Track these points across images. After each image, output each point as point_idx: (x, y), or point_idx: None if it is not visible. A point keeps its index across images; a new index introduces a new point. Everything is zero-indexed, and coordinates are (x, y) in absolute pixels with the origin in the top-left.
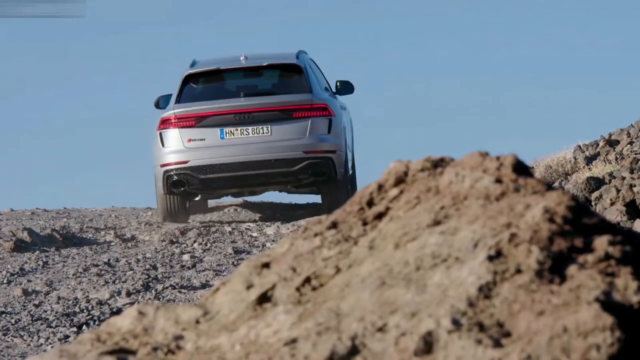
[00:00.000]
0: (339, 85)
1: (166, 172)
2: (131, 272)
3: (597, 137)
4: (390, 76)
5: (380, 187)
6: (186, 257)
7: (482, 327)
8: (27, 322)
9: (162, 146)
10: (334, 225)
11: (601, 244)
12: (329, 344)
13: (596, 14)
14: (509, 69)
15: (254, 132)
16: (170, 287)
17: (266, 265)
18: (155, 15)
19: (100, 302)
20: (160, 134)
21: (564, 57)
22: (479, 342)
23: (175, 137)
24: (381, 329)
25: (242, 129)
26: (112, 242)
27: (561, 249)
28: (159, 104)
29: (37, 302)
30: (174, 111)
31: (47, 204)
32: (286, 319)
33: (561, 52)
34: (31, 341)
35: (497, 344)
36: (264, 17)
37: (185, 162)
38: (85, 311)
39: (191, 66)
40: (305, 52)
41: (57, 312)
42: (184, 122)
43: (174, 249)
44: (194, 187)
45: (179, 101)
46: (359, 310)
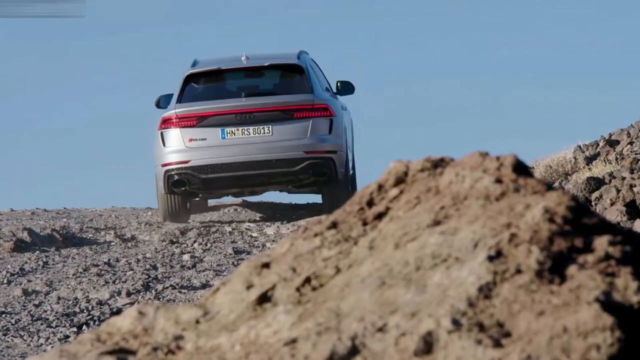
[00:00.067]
0: (340, 85)
1: (167, 171)
2: (131, 272)
3: (597, 137)
4: (390, 76)
5: (380, 187)
6: (186, 257)
7: (482, 327)
8: (27, 322)
9: (163, 146)
10: (334, 225)
11: (601, 244)
12: (329, 344)
13: (596, 14)
14: (509, 69)
15: (255, 132)
16: (170, 287)
17: (266, 265)
18: (155, 15)
19: (100, 302)
20: (161, 134)
21: (564, 57)
22: (479, 342)
23: (176, 136)
24: (381, 329)
25: (243, 129)
26: (112, 242)
27: (561, 249)
28: (160, 104)
29: (37, 302)
30: (175, 111)
31: (47, 204)
32: (286, 319)
33: (561, 52)
34: (31, 341)
35: (497, 344)
36: (264, 17)
37: (186, 162)
38: (85, 311)
39: (192, 66)
40: (306, 53)
41: (57, 312)
42: (185, 122)
43: (174, 249)
44: (195, 187)
45: (180, 101)
46: (359, 310)
